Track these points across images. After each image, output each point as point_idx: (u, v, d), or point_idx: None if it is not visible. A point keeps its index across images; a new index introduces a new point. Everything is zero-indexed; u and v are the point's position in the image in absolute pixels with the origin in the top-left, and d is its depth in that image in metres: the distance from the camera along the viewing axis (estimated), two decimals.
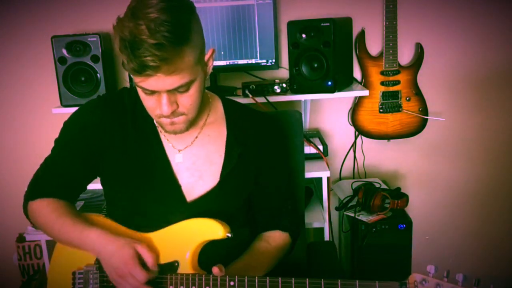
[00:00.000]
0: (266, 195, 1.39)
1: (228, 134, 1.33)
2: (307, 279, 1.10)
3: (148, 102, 1.17)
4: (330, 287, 1.09)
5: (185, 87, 1.14)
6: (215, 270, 1.15)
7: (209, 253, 1.23)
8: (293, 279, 1.11)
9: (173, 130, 1.22)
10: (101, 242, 1.19)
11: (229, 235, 1.20)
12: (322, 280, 1.09)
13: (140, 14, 1.05)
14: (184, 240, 1.22)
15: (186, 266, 1.21)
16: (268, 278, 1.13)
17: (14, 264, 2.48)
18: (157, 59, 1.04)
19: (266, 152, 1.36)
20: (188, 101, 1.17)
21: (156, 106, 1.17)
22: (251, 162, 1.34)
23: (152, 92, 1.14)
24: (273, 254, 1.35)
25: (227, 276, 1.15)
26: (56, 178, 1.33)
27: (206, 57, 1.21)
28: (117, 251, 1.16)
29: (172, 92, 1.14)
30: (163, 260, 1.23)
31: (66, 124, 1.35)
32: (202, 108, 1.30)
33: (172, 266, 1.21)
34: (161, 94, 1.14)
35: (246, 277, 1.14)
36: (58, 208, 1.30)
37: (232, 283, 1.14)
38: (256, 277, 1.14)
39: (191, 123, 1.24)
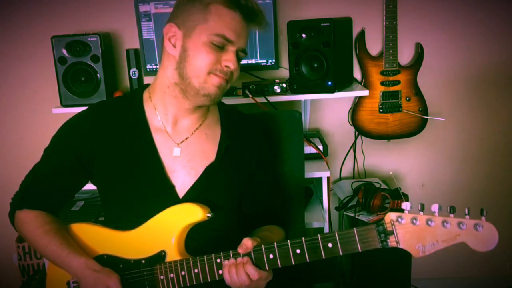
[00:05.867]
0: (257, 193, 1.42)
1: (222, 133, 1.37)
2: (288, 241, 1.12)
3: (209, 57, 1.23)
4: (312, 242, 1.10)
5: (245, 54, 1.29)
6: (248, 243, 1.14)
7: (196, 250, 1.24)
8: (275, 243, 1.13)
9: (215, 92, 1.27)
10: (81, 274, 1.24)
11: (209, 215, 1.23)
12: (303, 238, 1.10)
13: None
14: (167, 228, 1.24)
15: (173, 254, 1.22)
16: (252, 249, 1.14)
17: (14, 264, 2.48)
18: (258, 9, 1.25)
19: (256, 152, 1.40)
20: (238, 68, 1.28)
21: (217, 61, 1.24)
22: (242, 160, 1.38)
23: (221, 48, 1.23)
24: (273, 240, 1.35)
25: (213, 254, 1.17)
26: (44, 190, 1.36)
27: None
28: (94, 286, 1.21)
29: (239, 52, 1.26)
30: (150, 252, 1.24)
31: (56, 134, 1.38)
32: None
33: (159, 257, 1.23)
34: (229, 51, 1.25)
35: (231, 251, 1.16)
36: (44, 224, 1.33)
37: (218, 260, 1.17)
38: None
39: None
